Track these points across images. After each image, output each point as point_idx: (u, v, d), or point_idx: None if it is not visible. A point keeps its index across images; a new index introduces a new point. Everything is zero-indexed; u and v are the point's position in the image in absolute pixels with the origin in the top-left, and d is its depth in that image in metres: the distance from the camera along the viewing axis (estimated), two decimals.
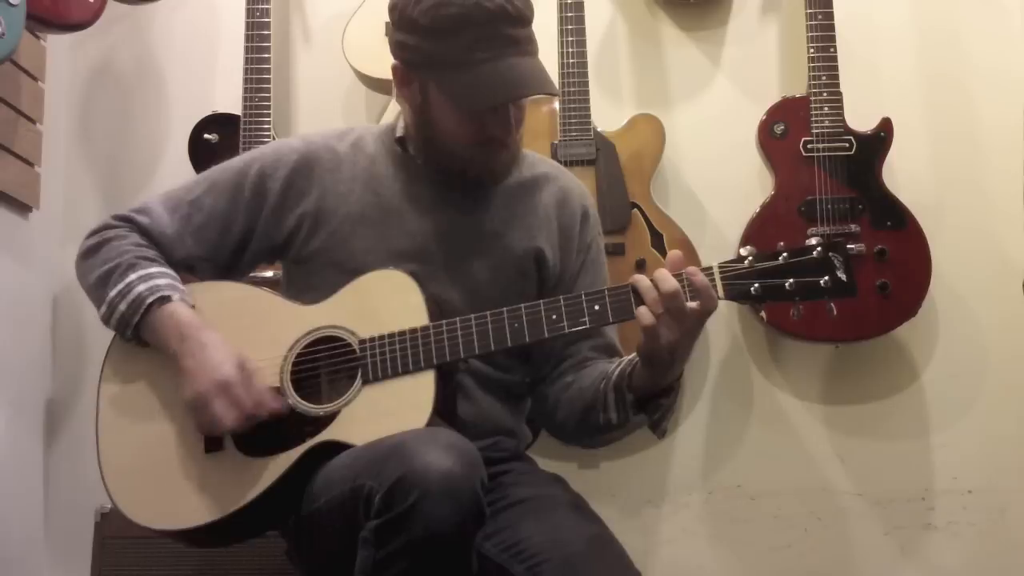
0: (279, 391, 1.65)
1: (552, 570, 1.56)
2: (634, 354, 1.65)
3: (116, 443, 1.70)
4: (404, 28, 1.69)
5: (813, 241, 1.57)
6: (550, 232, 1.84)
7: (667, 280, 1.54)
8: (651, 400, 1.65)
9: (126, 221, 1.80)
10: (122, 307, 1.68)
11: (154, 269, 1.72)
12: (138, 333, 1.69)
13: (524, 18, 1.68)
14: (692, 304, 1.54)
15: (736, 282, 1.57)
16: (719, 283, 1.57)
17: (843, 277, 1.56)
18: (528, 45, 1.69)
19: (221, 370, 1.61)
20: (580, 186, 1.92)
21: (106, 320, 1.72)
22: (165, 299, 1.68)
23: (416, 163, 1.81)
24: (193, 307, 1.70)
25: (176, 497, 1.64)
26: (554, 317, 1.61)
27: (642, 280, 1.56)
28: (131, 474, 1.68)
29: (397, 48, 1.72)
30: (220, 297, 1.74)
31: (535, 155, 1.92)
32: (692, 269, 1.55)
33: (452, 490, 1.39)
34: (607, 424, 1.69)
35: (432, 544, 1.39)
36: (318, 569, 1.68)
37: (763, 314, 2.58)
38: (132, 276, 1.70)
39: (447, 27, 1.63)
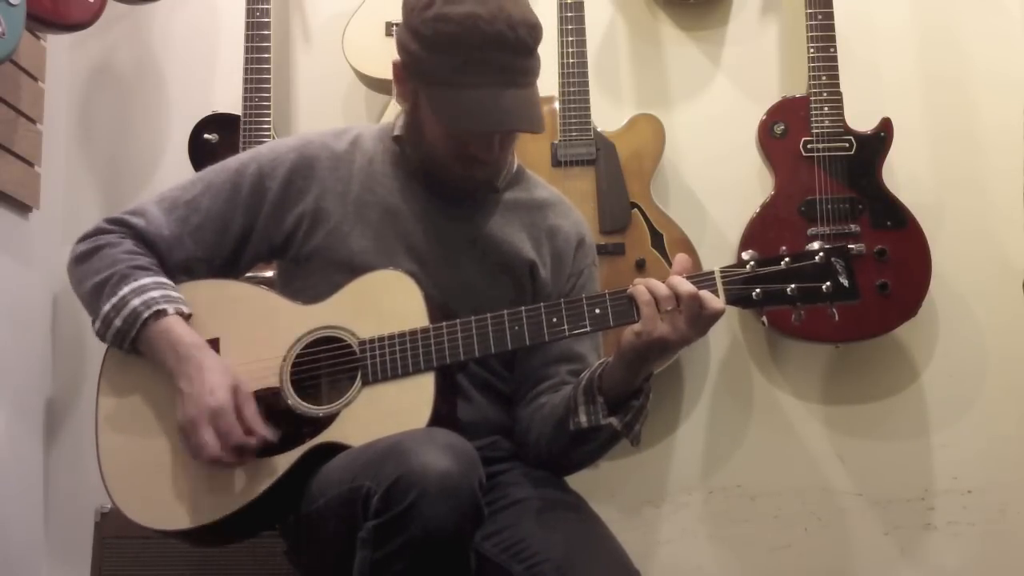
0: (279, 391, 1.65)
1: (551, 570, 1.55)
2: (603, 359, 1.66)
3: (116, 445, 1.70)
4: (408, 31, 1.68)
5: (815, 246, 1.57)
6: (543, 254, 1.83)
7: (684, 283, 1.54)
8: (622, 402, 1.64)
9: (120, 225, 1.78)
10: (117, 323, 1.67)
11: (147, 280, 1.70)
12: (135, 347, 1.69)
13: (524, 46, 1.64)
14: (705, 312, 1.54)
15: (738, 287, 1.57)
16: (720, 288, 1.56)
17: (845, 282, 1.56)
18: (522, 76, 1.65)
19: (215, 396, 1.59)
20: (578, 215, 1.92)
21: (101, 335, 1.70)
22: (161, 313, 1.67)
23: (413, 163, 1.81)
24: (189, 316, 1.69)
25: (176, 497, 1.64)
26: (554, 320, 1.61)
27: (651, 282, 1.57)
28: (131, 475, 1.68)
29: (399, 47, 1.71)
30: (220, 295, 1.74)
31: (538, 179, 1.92)
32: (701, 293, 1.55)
33: (450, 490, 1.39)
34: (578, 431, 1.65)
35: (430, 544, 1.39)
36: (317, 569, 1.68)
37: (764, 320, 2.57)
38: (125, 289, 1.68)
39: (442, 43, 1.62)
